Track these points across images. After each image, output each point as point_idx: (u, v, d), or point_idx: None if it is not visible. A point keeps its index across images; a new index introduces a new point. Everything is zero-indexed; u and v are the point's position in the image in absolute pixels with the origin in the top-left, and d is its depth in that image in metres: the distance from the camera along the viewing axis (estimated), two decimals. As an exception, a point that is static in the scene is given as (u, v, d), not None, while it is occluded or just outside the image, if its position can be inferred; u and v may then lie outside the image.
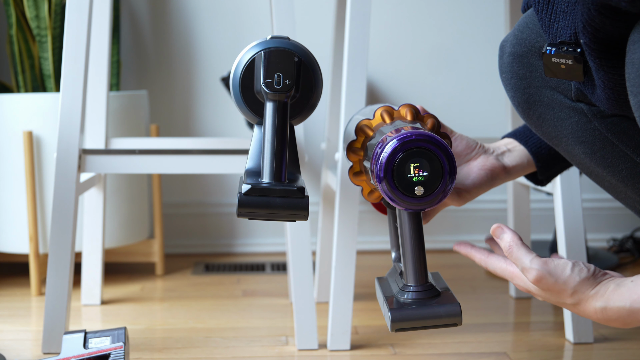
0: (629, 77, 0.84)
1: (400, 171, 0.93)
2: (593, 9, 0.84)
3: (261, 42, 1.04)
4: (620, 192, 1.12)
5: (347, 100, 1.47)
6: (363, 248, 2.29)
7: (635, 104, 0.84)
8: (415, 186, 0.94)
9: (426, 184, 0.94)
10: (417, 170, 0.93)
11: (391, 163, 0.93)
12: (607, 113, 1.07)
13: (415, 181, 0.94)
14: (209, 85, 2.29)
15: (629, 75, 0.84)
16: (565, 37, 0.97)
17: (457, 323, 1.00)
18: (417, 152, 0.93)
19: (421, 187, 0.94)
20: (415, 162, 0.93)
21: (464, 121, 2.28)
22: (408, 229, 0.99)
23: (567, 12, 0.97)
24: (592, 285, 0.95)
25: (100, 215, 1.80)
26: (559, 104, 1.08)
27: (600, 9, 0.84)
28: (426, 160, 0.93)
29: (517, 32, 1.09)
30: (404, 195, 0.94)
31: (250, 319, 1.69)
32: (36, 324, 1.66)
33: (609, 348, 1.49)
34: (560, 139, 1.10)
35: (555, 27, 0.99)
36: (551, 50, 0.97)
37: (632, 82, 0.84)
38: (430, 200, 0.94)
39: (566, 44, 0.96)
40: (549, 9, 0.99)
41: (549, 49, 0.98)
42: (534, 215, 2.20)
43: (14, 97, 1.90)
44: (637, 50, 0.83)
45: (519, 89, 1.10)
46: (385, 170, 0.93)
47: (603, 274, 0.96)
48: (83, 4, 1.44)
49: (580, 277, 0.95)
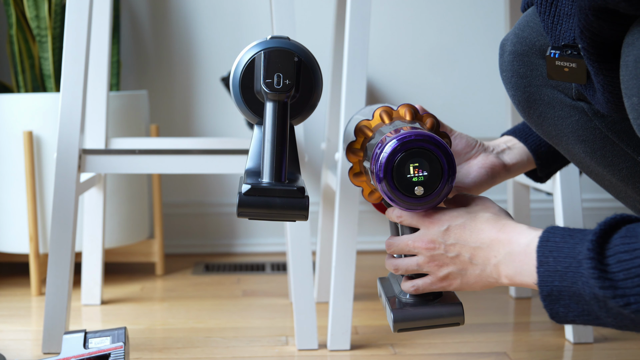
0: (623, 80, 0.84)
1: (400, 171, 0.93)
2: (590, 13, 0.84)
3: (261, 42, 1.04)
4: (621, 192, 1.12)
5: (347, 100, 1.47)
6: (363, 248, 2.29)
7: (629, 106, 0.84)
8: (415, 186, 0.94)
9: (426, 183, 0.94)
10: (417, 170, 0.93)
11: (391, 163, 0.93)
12: None
13: (415, 181, 0.94)
14: (209, 85, 2.29)
15: (623, 78, 0.84)
16: (569, 40, 0.97)
17: (459, 323, 1.00)
18: (416, 152, 0.93)
19: (421, 187, 0.94)
20: (414, 162, 0.93)
21: (464, 121, 2.28)
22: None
23: (570, 15, 0.97)
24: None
25: (100, 215, 1.80)
26: (559, 102, 1.08)
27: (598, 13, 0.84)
28: (426, 160, 0.93)
29: (517, 31, 1.09)
30: (404, 195, 0.94)
31: (250, 319, 1.69)
32: (36, 324, 1.66)
33: (609, 348, 1.49)
34: (561, 137, 1.10)
35: (558, 29, 0.99)
36: (555, 53, 0.97)
37: (625, 84, 0.84)
38: (431, 200, 0.94)
39: (570, 47, 0.96)
40: (552, 11, 0.99)
41: (552, 52, 0.97)
42: (534, 215, 2.20)
43: (14, 97, 1.90)
44: (631, 53, 0.83)
45: (520, 87, 1.10)
46: (385, 170, 0.93)
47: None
48: (83, 4, 1.44)
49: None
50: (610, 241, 0.81)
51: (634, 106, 0.84)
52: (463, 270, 0.96)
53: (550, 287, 0.86)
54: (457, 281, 0.97)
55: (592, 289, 0.81)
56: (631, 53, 0.83)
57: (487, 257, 0.94)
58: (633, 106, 0.84)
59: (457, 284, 0.97)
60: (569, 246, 0.85)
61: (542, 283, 0.87)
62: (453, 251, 0.96)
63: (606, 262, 0.80)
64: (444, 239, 0.96)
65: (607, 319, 0.83)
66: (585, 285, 0.82)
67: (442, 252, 0.96)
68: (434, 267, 0.97)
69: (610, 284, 0.79)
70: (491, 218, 0.95)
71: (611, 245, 0.81)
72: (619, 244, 0.80)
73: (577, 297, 0.84)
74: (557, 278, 0.85)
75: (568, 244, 0.85)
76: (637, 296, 0.78)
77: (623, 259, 0.79)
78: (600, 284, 0.80)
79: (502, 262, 0.92)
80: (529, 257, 0.89)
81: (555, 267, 0.85)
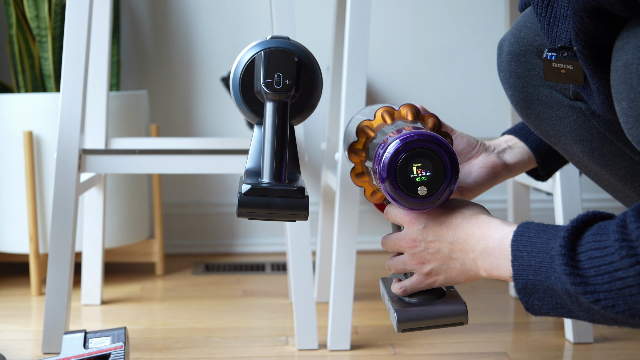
0: (614, 84, 0.84)
1: (403, 171, 0.93)
2: (585, 15, 0.84)
3: (261, 42, 1.04)
4: (619, 191, 1.13)
5: (347, 100, 1.47)
6: (363, 248, 2.29)
7: (619, 110, 0.85)
8: (418, 186, 0.94)
9: (429, 183, 0.94)
10: (420, 170, 0.94)
11: (394, 163, 0.93)
12: None
13: (418, 181, 0.94)
14: (209, 85, 2.29)
15: (614, 82, 0.84)
16: (565, 42, 0.97)
17: (463, 322, 1.00)
18: (419, 152, 0.93)
19: (424, 187, 0.94)
20: (418, 162, 0.93)
21: (464, 121, 2.28)
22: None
23: (566, 17, 0.97)
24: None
25: (100, 215, 1.80)
26: (557, 102, 1.08)
27: (592, 14, 0.84)
28: (429, 160, 0.93)
29: (515, 31, 1.09)
30: (407, 195, 0.94)
31: (250, 319, 1.69)
32: (36, 324, 1.66)
33: (609, 348, 1.49)
34: (559, 137, 1.10)
35: (554, 30, 0.99)
36: (552, 55, 0.97)
37: (615, 89, 0.84)
38: (434, 200, 0.94)
39: (566, 49, 0.96)
40: (549, 12, 0.99)
41: (549, 55, 0.98)
42: (534, 215, 2.20)
43: (14, 97, 1.90)
44: (621, 57, 0.83)
45: (517, 87, 1.10)
46: (388, 170, 0.93)
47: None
48: (83, 4, 1.44)
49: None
50: (582, 238, 0.82)
51: (623, 110, 0.84)
52: (445, 264, 0.97)
53: (525, 280, 0.88)
54: (442, 276, 0.99)
55: (564, 284, 0.82)
56: (620, 58, 0.83)
57: (464, 251, 0.95)
58: (623, 110, 0.84)
59: (442, 280, 0.99)
60: (542, 242, 0.87)
61: (517, 276, 0.88)
62: (433, 247, 0.98)
63: (578, 258, 0.82)
64: (423, 237, 0.98)
65: (580, 312, 0.85)
66: (557, 281, 0.84)
67: (422, 249, 0.98)
68: (417, 265, 0.99)
69: (582, 280, 0.81)
70: (467, 213, 0.97)
71: (583, 242, 0.82)
72: (590, 240, 0.81)
73: (550, 291, 0.86)
74: (531, 272, 0.87)
75: (541, 239, 0.87)
76: (607, 292, 0.79)
77: (594, 256, 0.80)
78: (571, 280, 0.81)
79: (478, 257, 0.94)
80: (503, 252, 0.91)
81: (529, 262, 0.87)
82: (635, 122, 0.83)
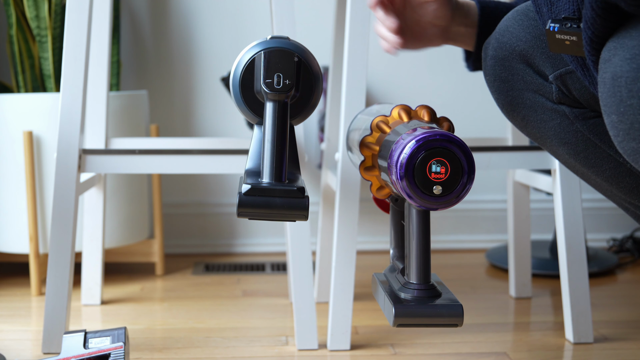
0: (602, 97, 0.84)
1: (421, 170, 0.94)
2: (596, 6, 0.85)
3: (261, 42, 1.04)
4: (607, 190, 1.14)
5: (347, 100, 1.47)
6: (363, 248, 2.29)
7: (609, 123, 0.85)
8: (434, 185, 0.94)
9: (445, 183, 0.94)
10: (439, 169, 0.94)
11: (412, 161, 0.94)
12: (588, 115, 1.08)
13: (435, 180, 0.94)
14: (209, 85, 2.29)
15: (602, 95, 0.84)
16: (569, 13, 0.96)
17: (458, 324, 1.00)
18: (438, 151, 0.94)
19: (440, 186, 0.94)
20: (436, 161, 0.94)
21: (464, 121, 2.28)
22: (416, 226, 0.99)
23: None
24: None
25: (100, 215, 1.80)
26: (540, 106, 1.09)
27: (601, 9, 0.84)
28: (447, 159, 0.94)
29: (498, 36, 1.10)
30: (423, 193, 0.94)
31: (250, 319, 1.69)
32: (36, 324, 1.66)
33: (609, 348, 1.49)
34: (545, 139, 1.11)
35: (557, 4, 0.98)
36: (554, 27, 0.96)
37: (605, 101, 0.84)
38: (447, 200, 0.95)
39: (570, 19, 0.95)
40: None
41: (552, 26, 0.96)
42: (534, 215, 2.20)
43: (14, 97, 1.90)
44: (608, 70, 0.83)
45: (502, 91, 1.11)
46: (406, 168, 0.93)
47: None
48: (83, 4, 1.44)
49: None
50: None
51: (613, 124, 0.84)
52: None
53: None
54: None
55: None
56: (608, 70, 0.83)
57: None
58: (613, 124, 0.84)
59: None
60: None
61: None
62: None
63: None
64: None
65: None
66: None
67: None
68: None
69: None
70: None
71: None
72: None
73: None
74: None
75: None
76: None
77: None
78: None
79: None
80: None
81: None
82: (626, 135, 0.83)
